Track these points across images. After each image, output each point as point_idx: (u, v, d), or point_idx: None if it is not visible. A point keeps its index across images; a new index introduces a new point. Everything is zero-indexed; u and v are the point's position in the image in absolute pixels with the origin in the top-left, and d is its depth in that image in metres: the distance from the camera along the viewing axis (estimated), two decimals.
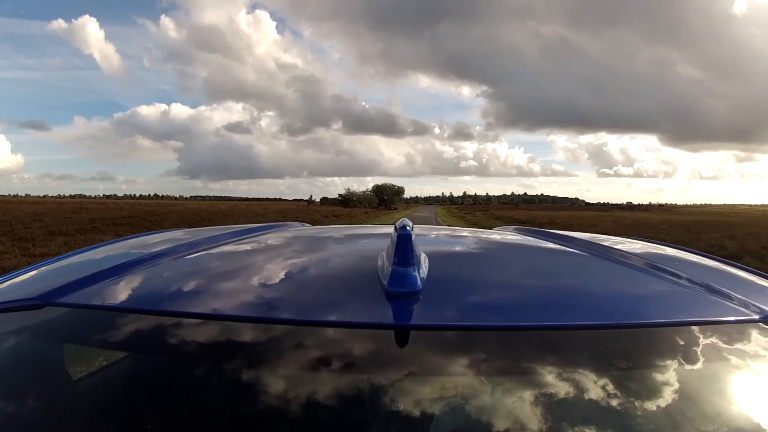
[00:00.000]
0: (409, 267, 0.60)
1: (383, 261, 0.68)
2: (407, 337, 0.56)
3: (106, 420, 0.58)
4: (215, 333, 0.59)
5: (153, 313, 0.61)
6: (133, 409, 0.59)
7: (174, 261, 0.81)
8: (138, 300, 0.66)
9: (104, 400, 0.70)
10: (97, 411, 0.62)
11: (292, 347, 0.57)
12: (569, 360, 0.56)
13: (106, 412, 0.61)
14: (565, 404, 0.51)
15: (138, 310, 0.63)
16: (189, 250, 0.87)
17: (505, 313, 0.60)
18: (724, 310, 0.62)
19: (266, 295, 0.67)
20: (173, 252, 0.85)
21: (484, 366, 0.55)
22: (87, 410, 0.63)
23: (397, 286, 0.58)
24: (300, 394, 0.53)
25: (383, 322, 0.56)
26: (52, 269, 0.87)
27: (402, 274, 0.59)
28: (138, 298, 0.67)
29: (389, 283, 0.59)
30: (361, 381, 0.54)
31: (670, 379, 0.54)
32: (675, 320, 0.60)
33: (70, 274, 0.75)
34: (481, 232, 1.27)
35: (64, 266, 0.87)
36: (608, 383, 0.53)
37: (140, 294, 0.68)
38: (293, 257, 0.90)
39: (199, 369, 0.58)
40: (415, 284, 0.58)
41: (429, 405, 0.52)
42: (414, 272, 0.60)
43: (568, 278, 0.77)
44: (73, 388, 0.72)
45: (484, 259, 0.92)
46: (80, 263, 0.89)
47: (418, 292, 0.58)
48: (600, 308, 0.63)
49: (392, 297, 0.58)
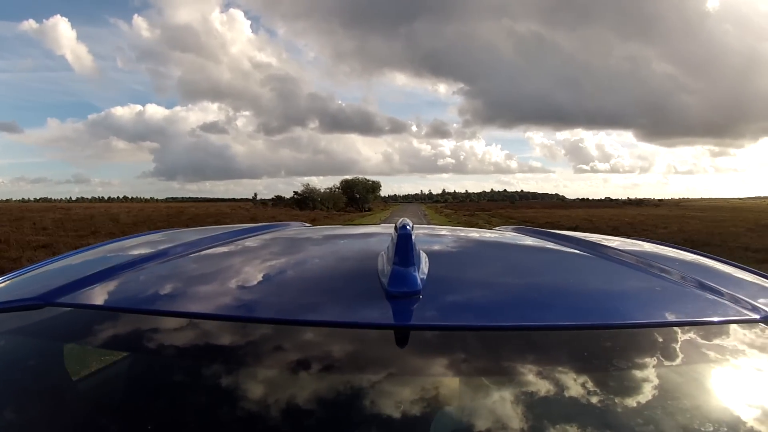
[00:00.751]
0: (409, 267, 0.60)
1: (383, 261, 0.68)
2: (407, 337, 0.56)
3: (106, 419, 0.58)
4: (215, 333, 0.59)
5: (153, 313, 0.61)
6: (133, 408, 0.59)
7: (174, 261, 0.81)
8: (138, 300, 0.66)
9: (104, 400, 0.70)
10: (96, 410, 0.62)
11: (293, 347, 0.57)
12: (570, 360, 0.56)
13: (106, 411, 0.61)
14: (567, 404, 0.51)
15: (138, 310, 0.62)
16: (189, 250, 0.87)
17: (505, 313, 0.60)
18: (724, 310, 0.62)
19: (265, 295, 0.67)
20: (173, 252, 0.85)
21: (485, 366, 0.55)
22: (87, 410, 0.63)
23: (397, 286, 0.58)
24: (300, 393, 0.53)
25: (383, 322, 0.56)
26: (52, 269, 0.87)
27: (402, 274, 0.59)
28: (138, 298, 0.67)
29: (389, 283, 0.59)
30: (361, 381, 0.54)
31: (671, 379, 0.55)
32: (675, 320, 0.60)
33: (70, 274, 0.75)
34: (481, 232, 1.28)
35: (64, 266, 0.88)
36: (609, 383, 0.54)
37: (140, 294, 0.68)
38: (293, 257, 0.90)
39: (200, 369, 0.58)
40: (415, 284, 0.58)
41: (429, 405, 0.52)
42: (414, 272, 0.60)
43: (569, 278, 0.77)
44: (72, 388, 0.72)
45: (485, 259, 0.92)
46: (80, 263, 0.90)
47: (418, 292, 0.58)
48: (601, 308, 0.63)
49: (392, 297, 0.58)
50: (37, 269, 0.87)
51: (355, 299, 0.62)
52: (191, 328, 0.59)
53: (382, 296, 0.59)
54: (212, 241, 0.94)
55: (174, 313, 0.61)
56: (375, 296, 0.59)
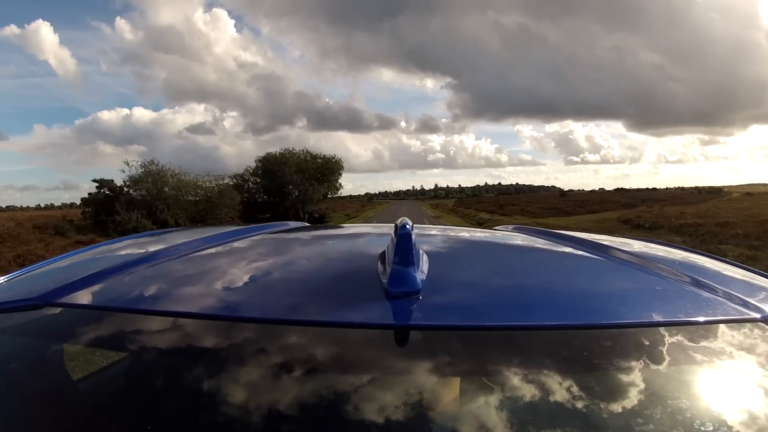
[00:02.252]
0: (409, 267, 0.60)
1: (383, 261, 0.68)
2: (407, 337, 0.56)
3: (106, 420, 0.58)
4: (215, 333, 0.59)
5: (153, 314, 0.62)
6: (132, 408, 0.59)
7: (174, 261, 0.81)
8: (138, 300, 0.66)
9: (103, 400, 0.70)
10: (96, 411, 0.62)
11: (293, 347, 0.57)
12: (571, 360, 0.56)
13: (106, 411, 0.61)
14: (568, 404, 0.51)
15: (138, 310, 0.63)
16: (189, 250, 0.87)
17: (506, 313, 0.60)
18: (724, 310, 0.62)
19: (265, 295, 0.67)
20: (173, 252, 0.85)
21: (485, 366, 0.55)
22: (86, 410, 0.63)
23: (397, 285, 0.58)
24: (300, 393, 0.53)
25: (383, 322, 0.56)
26: (52, 269, 0.87)
27: (402, 274, 0.59)
28: (138, 298, 0.67)
29: (389, 283, 0.59)
30: (361, 380, 0.54)
31: (672, 378, 0.55)
32: (675, 320, 0.60)
33: (70, 274, 0.75)
34: (481, 231, 1.28)
35: (64, 266, 0.88)
36: (609, 383, 0.54)
37: (140, 294, 0.68)
38: (293, 257, 0.90)
39: (199, 369, 0.58)
40: (415, 284, 0.58)
41: (429, 405, 0.52)
42: (414, 272, 0.60)
43: (569, 278, 0.77)
44: (72, 388, 0.72)
45: (485, 259, 0.92)
46: (80, 263, 0.90)
47: (418, 292, 0.58)
48: (600, 308, 0.63)
49: (392, 297, 0.58)
50: (37, 269, 0.87)
51: (354, 299, 0.62)
52: (191, 329, 0.59)
53: (382, 296, 0.58)
54: (212, 241, 0.94)
55: (173, 313, 0.61)
56: (375, 296, 0.59)
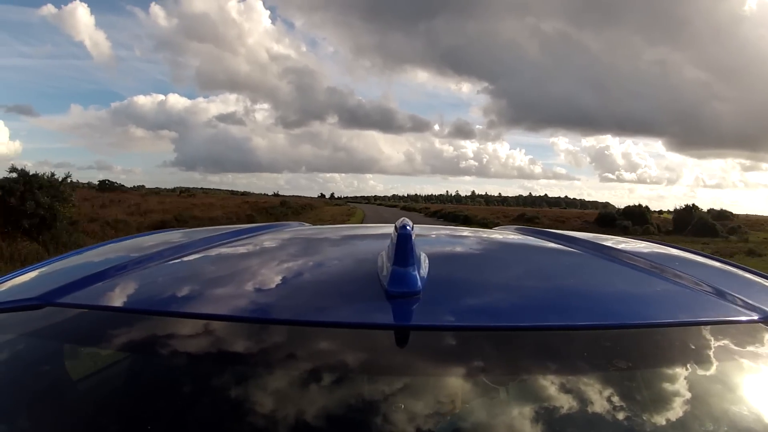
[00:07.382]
0: (409, 267, 0.60)
1: (383, 261, 0.68)
2: (407, 337, 0.56)
3: (106, 420, 0.58)
4: (215, 333, 0.59)
5: (153, 314, 0.62)
6: (133, 409, 0.59)
7: (174, 261, 0.81)
8: (138, 300, 0.66)
9: (104, 400, 0.70)
10: (96, 411, 0.62)
11: (292, 348, 0.57)
12: (570, 361, 0.56)
13: (106, 412, 0.61)
14: (567, 405, 0.51)
15: (138, 310, 0.63)
16: (189, 251, 0.87)
17: (505, 314, 0.60)
18: (725, 311, 0.62)
19: (266, 295, 0.67)
20: (173, 252, 0.85)
21: (485, 367, 0.55)
22: (87, 410, 0.63)
23: (397, 286, 0.58)
24: (300, 394, 0.53)
25: (383, 323, 0.56)
26: (52, 269, 0.87)
27: (402, 274, 0.59)
28: (138, 298, 0.67)
29: (389, 283, 0.59)
30: (361, 381, 0.54)
31: (672, 379, 0.55)
32: (676, 320, 0.60)
33: (70, 274, 0.75)
34: (481, 231, 1.27)
35: (64, 266, 0.88)
36: (609, 384, 0.54)
37: (140, 294, 0.69)
38: (293, 257, 0.90)
39: (199, 369, 0.58)
40: (415, 284, 0.58)
41: (430, 405, 0.52)
42: (414, 272, 0.60)
43: (569, 279, 0.77)
44: (73, 388, 0.72)
45: (485, 260, 0.92)
46: (80, 263, 0.90)
47: (418, 292, 0.58)
48: (600, 309, 0.63)
49: (392, 297, 0.58)
50: (37, 269, 0.87)
51: (355, 299, 0.62)
52: (191, 329, 0.59)
53: (382, 296, 0.59)
54: (212, 242, 0.94)
55: (174, 313, 0.61)
56: (375, 296, 0.59)
